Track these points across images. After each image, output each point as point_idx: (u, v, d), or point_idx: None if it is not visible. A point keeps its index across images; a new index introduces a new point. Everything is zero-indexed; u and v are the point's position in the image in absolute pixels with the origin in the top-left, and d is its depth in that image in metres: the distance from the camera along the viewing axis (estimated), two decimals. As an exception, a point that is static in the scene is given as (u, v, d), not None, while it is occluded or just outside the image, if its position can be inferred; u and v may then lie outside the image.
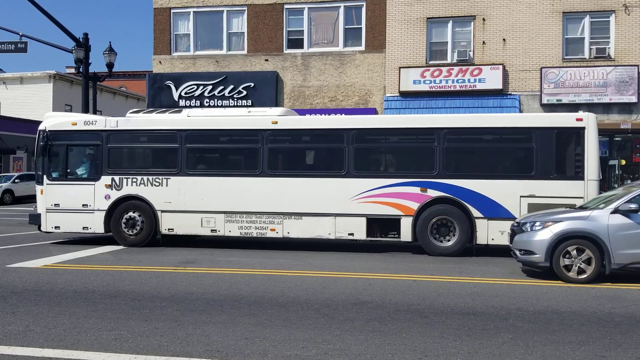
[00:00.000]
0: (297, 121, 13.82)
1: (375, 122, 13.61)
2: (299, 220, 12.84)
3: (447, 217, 12.28)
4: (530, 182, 12.01)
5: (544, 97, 20.24)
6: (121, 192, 13.52)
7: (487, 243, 12.17)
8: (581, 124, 11.97)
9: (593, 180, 11.81)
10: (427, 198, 12.33)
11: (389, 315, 6.98)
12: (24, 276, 9.42)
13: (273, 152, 13.13)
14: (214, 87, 22.44)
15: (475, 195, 12.15)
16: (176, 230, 13.41)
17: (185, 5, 23.19)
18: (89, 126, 13.76)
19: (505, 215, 11.96)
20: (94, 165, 13.82)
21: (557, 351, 5.63)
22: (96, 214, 13.60)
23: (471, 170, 12.41)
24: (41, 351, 5.44)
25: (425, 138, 12.71)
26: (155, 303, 7.51)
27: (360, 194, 12.60)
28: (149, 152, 14.11)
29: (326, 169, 13.08)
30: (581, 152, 11.92)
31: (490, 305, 7.57)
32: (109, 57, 22.87)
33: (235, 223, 13.10)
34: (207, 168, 13.64)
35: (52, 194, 13.80)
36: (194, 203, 13.23)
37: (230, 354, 5.44)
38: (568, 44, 20.51)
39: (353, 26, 22.20)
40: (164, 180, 13.40)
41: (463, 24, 21.15)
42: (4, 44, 22.67)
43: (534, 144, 12.11)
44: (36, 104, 39.02)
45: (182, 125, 13.47)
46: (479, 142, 12.83)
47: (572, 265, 9.25)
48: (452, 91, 20.76)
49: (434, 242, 12.34)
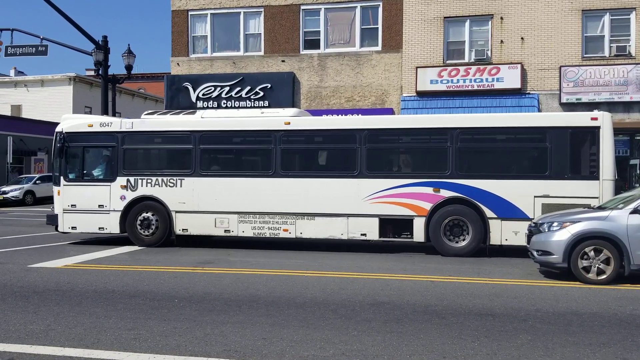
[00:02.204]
0: (310, 122, 13.81)
1: (388, 122, 13.56)
2: (311, 220, 12.86)
3: (460, 218, 12.22)
4: (544, 182, 11.90)
5: (563, 96, 20.02)
6: (136, 192, 13.66)
7: (501, 244, 12.08)
8: (596, 123, 11.83)
9: (608, 180, 11.67)
10: (440, 198, 12.27)
11: (406, 316, 6.96)
12: (45, 276, 9.55)
13: (286, 152, 13.16)
14: (231, 88, 22.55)
15: (489, 195, 12.07)
16: (190, 230, 13.51)
17: (203, 7, 23.33)
18: (105, 128, 13.91)
19: (519, 216, 11.88)
20: (109, 166, 13.97)
21: (577, 353, 5.57)
22: (112, 215, 13.74)
23: (484, 171, 12.32)
24: (62, 350, 5.52)
25: (438, 138, 12.68)
26: (174, 303, 7.57)
27: (373, 194, 12.58)
28: (163, 153, 14.25)
29: (339, 169, 13.10)
30: (596, 152, 11.78)
31: (509, 306, 7.51)
32: (127, 59, 23.09)
33: (248, 223, 13.17)
34: (221, 169, 13.70)
35: (69, 194, 13.97)
36: (208, 204, 13.32)
37: (248, 354, 5.46)
38: (588, 42, 20.26)
39: (369, 26, 22.15)
40: (178, 181, 13.50)
41: (480, 23, 21.00)
42: (25, 47, 23.00)
43: (548, 144, 12.01)
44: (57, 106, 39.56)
45: (196, 126, 13.56)
46: (492, 142, 12.75)
47: (591, 266, 9.14)
48: (470, 91, 20.62)
49: (447, 242, 12.28)
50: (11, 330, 6.19)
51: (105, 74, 22.44)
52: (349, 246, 13.57)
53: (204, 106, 22.43)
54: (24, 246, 13.59)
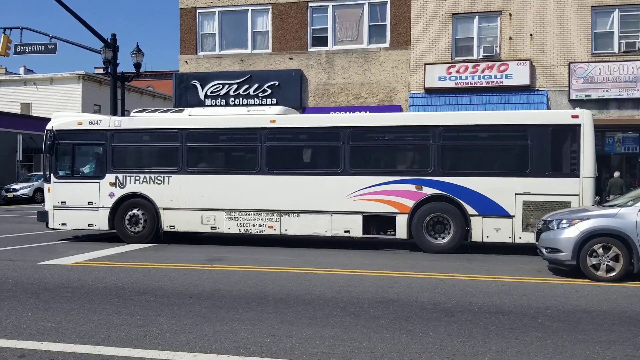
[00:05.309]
0: (294, 120, 13.89)
1: (371, 120, 13.72)
2: (296, 217, 12.97)
3: (442, 215, 12.35)
4: (525, 179, 12.01)
5: (573, 93, 19.90)
6: (125, 190, 13.81)
7: (482, 240, 12.20)
8: (577, 120, 11.91)
9: (589, 178, 11.77)
10: (423, 196, 12.38)
11: (415, 313, 6.95)
12: (56, 273, 9.62)
13: (271, 150, 13.26)
14: (239, 86, 22.58)
15: (470, 192, 12.18)
16: (177, 227, 13.65)
17: (211, 5, 23.36)
18: (94, 125, 14.09)
19: (500, 213, 12.01)
20: (98, 163, 14.16)
21: (587, 351, 5.55)
22: (101, 212, 13.90)
23: (466, 168, 12.46)
24: (73, 347, 5.55)
25: (421, 136, 12.79)
26: (183, 300, 7.60)
27: (356, 191, 12.68)
28: (151, 150, 14.41)
29: (323, 167, 13.26)
30: (577, 150, 11.86)
31: (519, 304, 7.50)
32: (136, 57, 23.16)
33: (234, 220, 13.29)
34: (207, 166, 13.85)
35: (59, 191, 14.14)
36: (195, 201, 13.46)
37: (257, 351, 5.48)
38: (597, 38, 20.13)
39: (377, 23, 22.10)
40: (165, 178, 13.64)
41: (489, 19, 20.90)
42: (34, 45, 23.14)
43: (529, 142, 12.10)
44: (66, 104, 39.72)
45: (183, 124, 13.70)
46: (474, 139, 12.85)
47: (600, 263, 9.10)
48: (479, 87, 20.54)
49: (429, 239, 12.41)
50: (22, 327, 6.24)
51: (114, 72, 22.53)
52: (362, 244, 13.58)
53: (212, 104, 22.47)
54: (34, 243, 13.68)
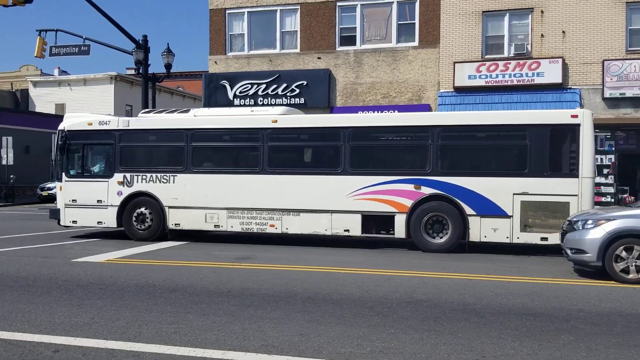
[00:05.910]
0: (296, 120, 13.96)
1: (370, 120, 13.83)
2: (297, 216, 13.10)
3: (440, 214, 12.34)
4: (523, 179, 11.92)
5: (606, 91, 19.48)
6: (132, 188, 14.12)
7: (480, 240, 12.14)
8: (576, 120, 11.75)
9: (588, 178, 11.62)
10: (421, 195, 12.39)
11: (444, 314, 6.89)
12: (89, 270, 9.81)
13: (273, 150, 13.44)
14: (267, 85, 22.70)
15: (468, 192, 12.14)
16: (182, 225, 13.90)
17: (240, 6, 23.52)
18: (103, 126, 14.45)
19: (498, 213, 11.96)
20: (107, 163, 14.53)
21: (622, 354, 5.43)
22: (109, 210, 14.24)
23: (464, 168, 12.46)
24: (105, 342, 5.65)
25: (420, 136, 12.79)
26: (213, 298, 7.67)
27: (356, 191, 12.74)
28: (157, 150, 14.71)
29: (323, 166, 13.37)
30: (576, 150, 11.72)
31: (550, 306, 7.37)
32: (167, 58, 23.49)
33: (237, 219, 13.49)
34: (211, 166, 14.03)
35: (69, 190, 14.53)
36: (199, 199, 13.69)
37: (286, 349, 5.50)
38: (632, 34, 19.63)
39: (406, 21, 21.96)
40: (171, 177, 13.89)
41: (520, 16, 20.59)
42: (68, 47, 23.63)
43: (528, 141, 12.00)
44: (99, 104, 40.45)
45: (188, 124, 13.96)
46: (473, 139, 12.81)
47: (628, 265, 8.91)
48: (509, 86, 20.25)
49: (427, 238, 12.41)
50: (56, 323, 6.37)
51: (145, 72, 22.89)
52: (394, 243, 13.52)
53: (241, 104, 22.63)
54: (67, 240, 13.99)
